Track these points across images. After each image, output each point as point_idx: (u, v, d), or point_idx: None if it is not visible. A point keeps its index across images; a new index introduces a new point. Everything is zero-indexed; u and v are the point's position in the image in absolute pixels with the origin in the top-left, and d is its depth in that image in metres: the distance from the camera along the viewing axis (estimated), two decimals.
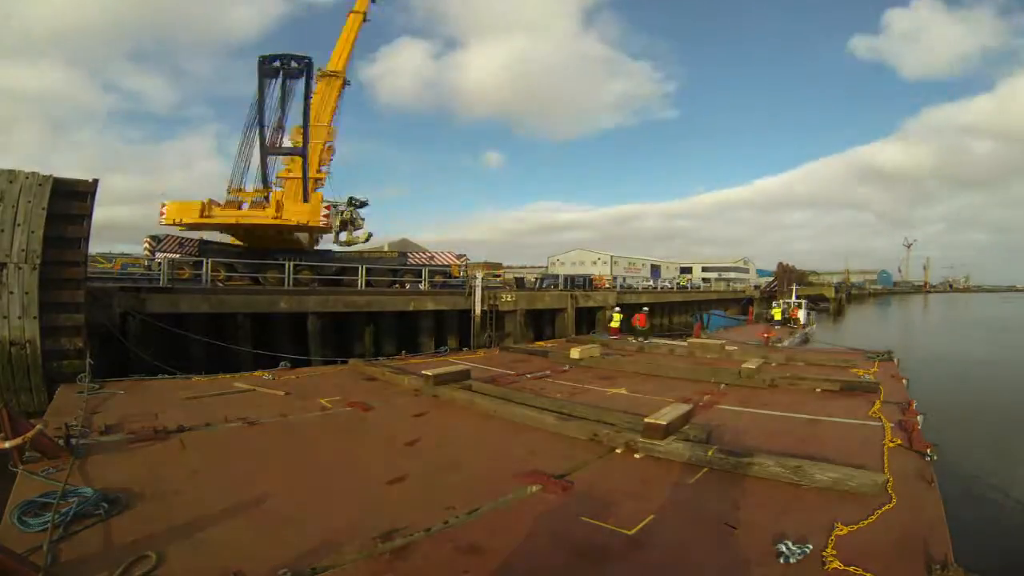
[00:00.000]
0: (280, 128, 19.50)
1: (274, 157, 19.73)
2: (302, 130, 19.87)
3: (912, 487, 4.76)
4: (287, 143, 20.11)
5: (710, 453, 5.43)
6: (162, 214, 17.49)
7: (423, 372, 9.37)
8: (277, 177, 20.53)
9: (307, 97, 19.67)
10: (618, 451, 5.87)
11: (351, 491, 4.80)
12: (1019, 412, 14.43)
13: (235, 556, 3.55)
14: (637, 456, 5.69)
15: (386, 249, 29.62)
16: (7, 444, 4.65)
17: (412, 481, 5.04)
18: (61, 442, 5.28)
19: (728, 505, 4.49)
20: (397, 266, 21.33)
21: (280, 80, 18.99)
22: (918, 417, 6.99)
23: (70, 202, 9.77)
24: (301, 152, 19.87)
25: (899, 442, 5.98)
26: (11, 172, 9.27)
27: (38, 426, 5.05)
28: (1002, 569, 6.15)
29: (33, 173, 9.40)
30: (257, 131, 18.60)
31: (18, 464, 4.80)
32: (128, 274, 18.47)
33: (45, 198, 9.35)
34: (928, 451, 5.54)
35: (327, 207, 19.45)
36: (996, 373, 21.53)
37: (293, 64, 19.04)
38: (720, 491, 4.82)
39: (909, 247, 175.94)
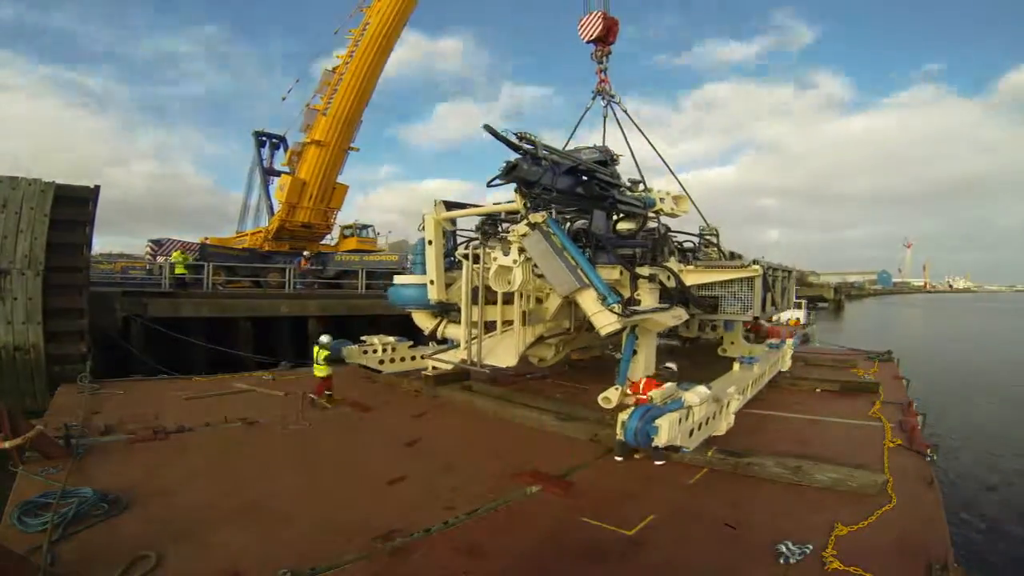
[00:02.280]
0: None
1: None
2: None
3: (912, 487, 4.76)
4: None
5: (710, 453, 5.44)
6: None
7: (423, 373, 9.36)
8: None
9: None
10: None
11: (351, 491, 4.80)
12: (1018, 412, 14.42)
13: (235, 556, 3.55)
14: (637, 456, 5.68)
15: (385, 250, 29.63)
16: (7, 444, 4.67)
17: (412, 481, 5.04)
18: (61, 442, 5.28)
19: (728, 505, 4.49)
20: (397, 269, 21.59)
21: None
22: (918, 417, 6.99)
23: (72, 208, 9.81)
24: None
25: (899, 442, 5.98)
26: (13, 179, 9.31)
27: (38, 427, 5.07)
28: (1002, 569, 6.16)
29: (35, 180, 9.43)
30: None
31: (18, 464, 4.80)
32: (130, 277, 18.57)
33: (47, 204, 9.39)
34: (928, 451, 5.55)
35: None
36: (996, 378, 21.47)
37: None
38: (720, 491, 4.82)
39: (909, 247, 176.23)
